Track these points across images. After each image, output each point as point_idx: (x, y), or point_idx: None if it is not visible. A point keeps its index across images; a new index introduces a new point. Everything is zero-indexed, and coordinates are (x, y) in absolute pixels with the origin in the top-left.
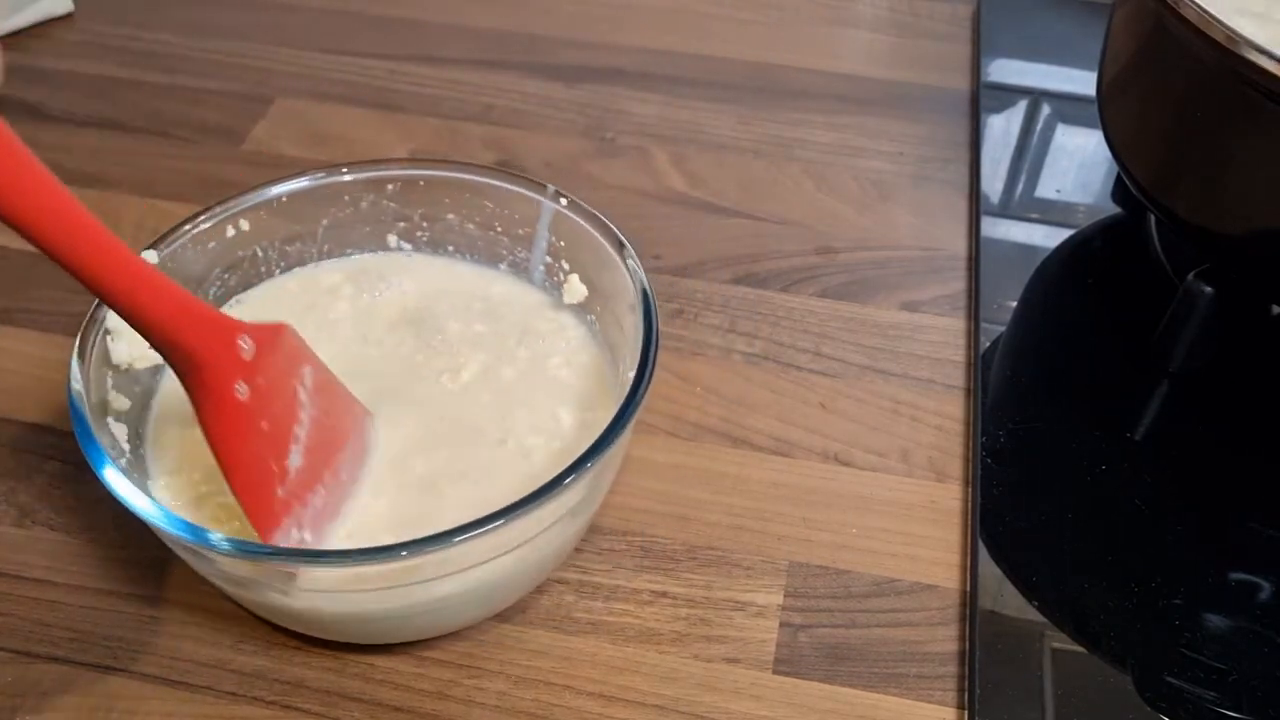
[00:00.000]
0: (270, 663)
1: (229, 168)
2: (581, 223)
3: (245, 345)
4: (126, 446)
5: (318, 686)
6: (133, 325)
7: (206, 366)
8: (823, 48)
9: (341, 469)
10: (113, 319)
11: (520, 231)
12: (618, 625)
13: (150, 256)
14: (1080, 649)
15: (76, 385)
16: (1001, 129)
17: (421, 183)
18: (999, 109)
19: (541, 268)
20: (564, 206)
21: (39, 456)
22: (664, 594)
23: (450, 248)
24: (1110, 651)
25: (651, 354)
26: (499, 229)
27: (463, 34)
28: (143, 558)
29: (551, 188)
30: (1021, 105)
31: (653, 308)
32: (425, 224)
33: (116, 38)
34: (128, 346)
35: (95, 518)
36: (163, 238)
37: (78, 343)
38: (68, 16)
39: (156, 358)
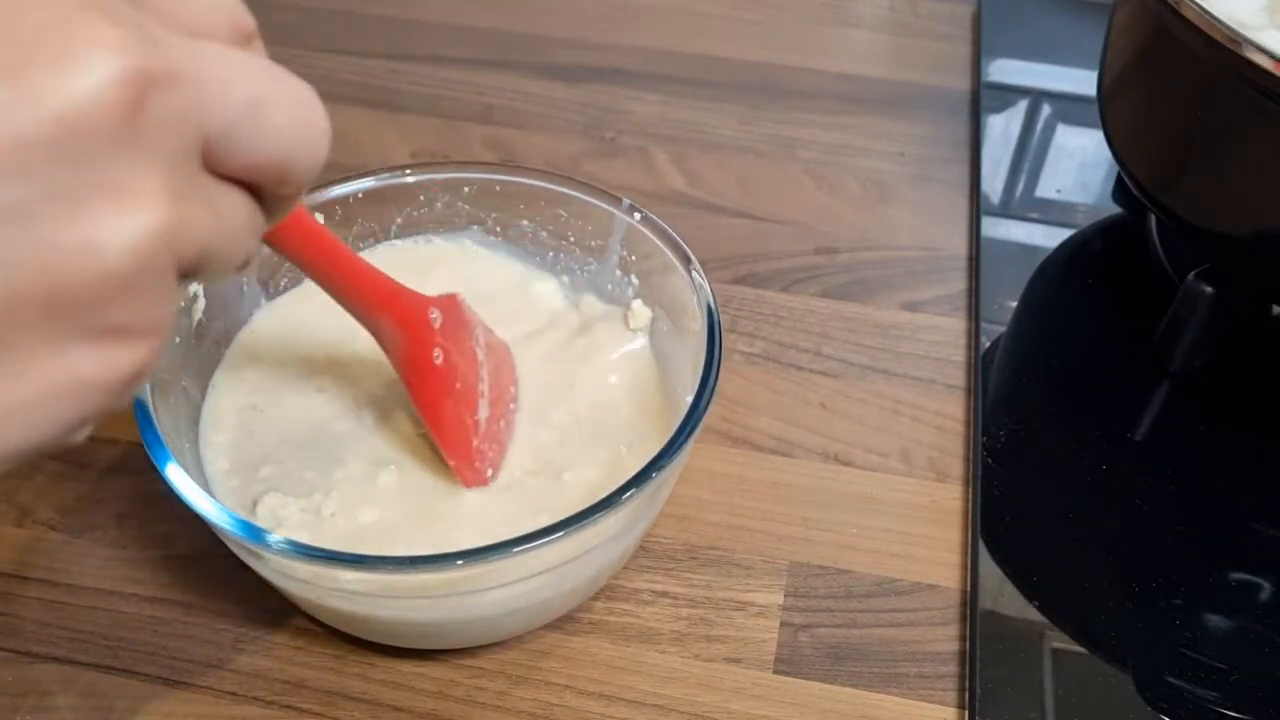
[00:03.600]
0: (270, 663)
1: None
2: (651, 237)
3: (435, 316)
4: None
5: (318, 686)
6: (348, 309)
7: (411, 340)
8: (823, 48)
9: (508, 409)
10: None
11: (593, 243)
12: (618, 625)
13: None
14: (1080, 649)
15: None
16: (1001, 129)
17: (497, 187)
18: (999, 109)
19: (610, 285)
20: (638, 221)
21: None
22: (664, 594)
23: (522, 253)
24: (1110, 651)
25: (714, 370)
26: (571, 239)
27: (463, 34)
28: (143, 558)
29: (626, 201)
30: (1021, 105)
31: (717, 325)
32: (499, 228)
33: None
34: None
35: (95, 518)
36: None
37: None
38: None
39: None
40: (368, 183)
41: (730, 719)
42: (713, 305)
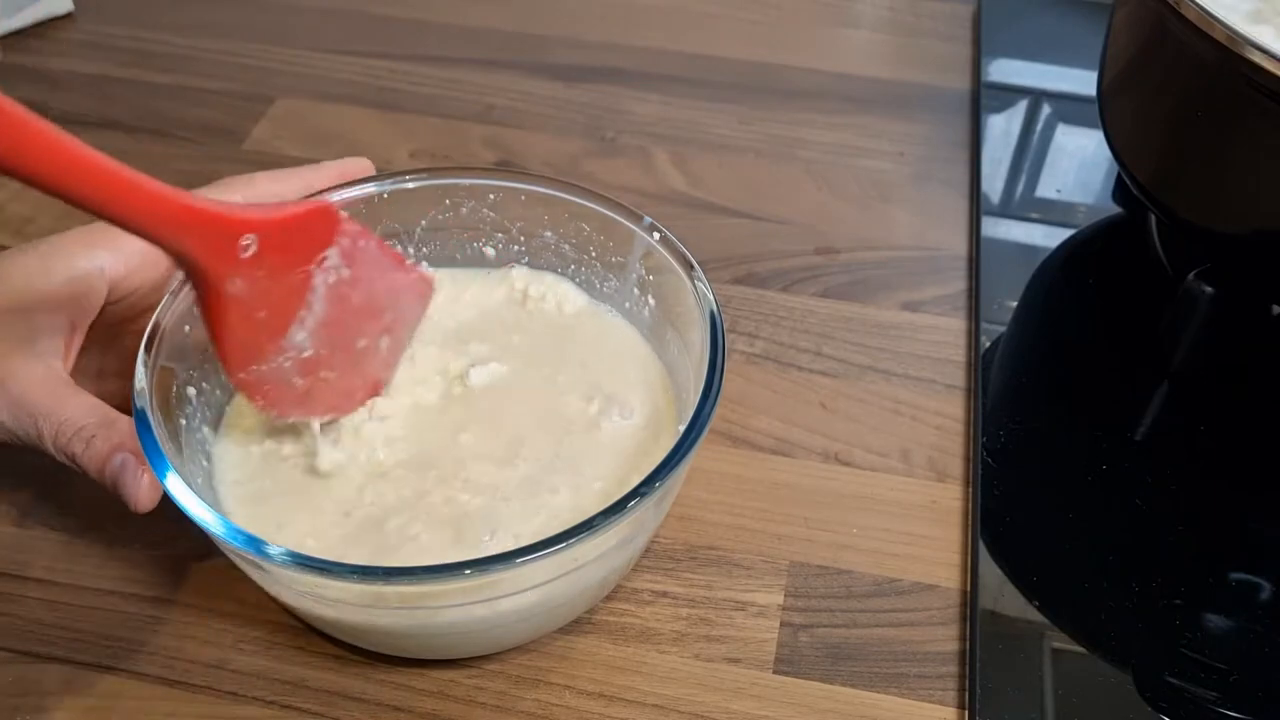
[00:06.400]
0: (270, 663)
1: (229, 168)
2: (661, 250)
3: (247, 243)
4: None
5: (318, 686)
6: (129, 231)
7: (201, 268)
8: (823, 48)
9: (367, 340)
10: None
11: (614, 259)
12: (618, 625)
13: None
14: (1080, 649)
15: (140, 384)
16: (1001, 129)
17: (523, 196)
18: (999, 109)
19: (628, 304)
20: (657, 241)
21: (39, 456)
22: (664, 594)
23: (545, 265)
24: (1110, 651)
25: (717, 378)
26: (593, 254)
27: (463, 34)
28: (142, 557)
29: (647, 219)
30: (1021, 105)
31: (720, 332)
32: (522, 238)
33: (116, 38)
34: None
35: (95, 518)
36: None
37: (145, 336)
38: (68, 16)
39: None
40: (396, 184)
41: (730, 719)
42: (715, 311)
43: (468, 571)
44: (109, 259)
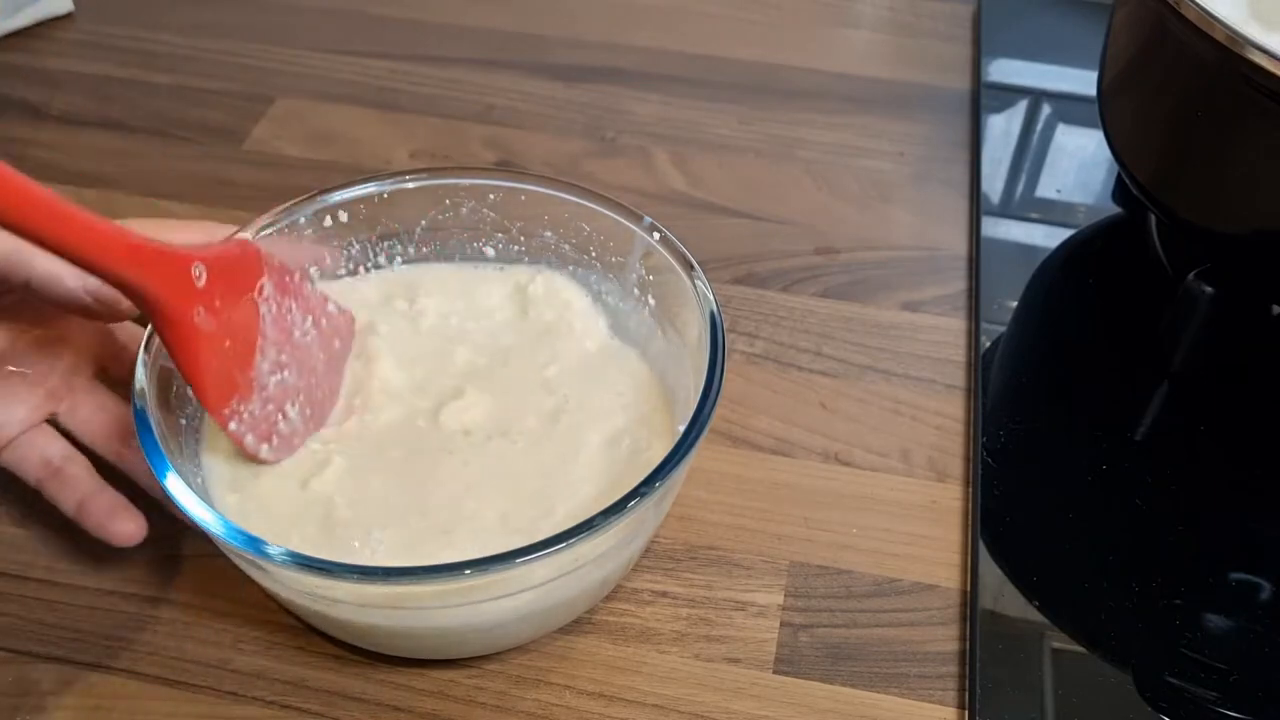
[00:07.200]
0: (270, 663)
1: (230, 167)
2: (661, 250)
3: (198, 273)
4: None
5: (318, 686)
6: (88, 272)
7: (164, 300)
8: (823, 48)
9: (317, 371)
10: None
11: (614, 259)
12: (618, 625)
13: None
14: (1080, 649)
15: (140, 384)
16: (1001, 129)
17: (523, 196)
18: (999, 109)
19: (629, 306)
20: (657, 241)
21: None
22: (664, 594)
23: (545, 265)
24: (1110, 651)
25: (717, 378)
26: (593, 254)
27: (463, 34)
28: (143, 557)
29: (647, 219)
30: (1021, 105)
31: (720, 332)
32: (523, 238)
33: (116, 38)
34: None
35: None
36: (255, 221)
37: (145, 336)
38: (68, 16)
39: None
40: (396, 184)
41: (730, 719)
42: (715, 311)
43: (468, 571)
44: None
